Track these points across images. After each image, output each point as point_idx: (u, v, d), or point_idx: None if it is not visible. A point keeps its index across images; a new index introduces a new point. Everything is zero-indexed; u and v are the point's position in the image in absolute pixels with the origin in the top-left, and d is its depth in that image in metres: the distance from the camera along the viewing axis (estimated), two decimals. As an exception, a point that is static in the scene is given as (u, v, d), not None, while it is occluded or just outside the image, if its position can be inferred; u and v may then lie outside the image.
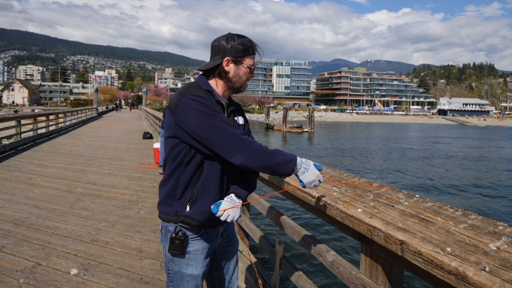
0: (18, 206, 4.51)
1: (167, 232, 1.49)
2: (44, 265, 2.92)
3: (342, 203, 1.55)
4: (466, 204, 11.60)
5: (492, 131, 57.83)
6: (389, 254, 1.33)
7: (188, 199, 1.44)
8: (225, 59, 1.44)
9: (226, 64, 1.45)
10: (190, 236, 1.47)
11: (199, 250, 1.49)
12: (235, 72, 1.47)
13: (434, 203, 1.38)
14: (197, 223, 1.44)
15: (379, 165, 19.54)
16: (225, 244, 1.62)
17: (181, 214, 1.44)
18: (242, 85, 1.50)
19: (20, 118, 11.29)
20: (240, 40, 1.44)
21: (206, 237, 1.51)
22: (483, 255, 0.93)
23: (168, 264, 1.51)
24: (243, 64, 1.46)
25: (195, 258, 1.48)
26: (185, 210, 1.44)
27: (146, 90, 54.46)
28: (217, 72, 1.47)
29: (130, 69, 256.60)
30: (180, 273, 1.48)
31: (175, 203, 1.46)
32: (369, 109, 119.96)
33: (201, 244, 1.50)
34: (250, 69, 1.48)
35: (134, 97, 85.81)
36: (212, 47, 1.49)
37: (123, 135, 14.37)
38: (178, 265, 1.48)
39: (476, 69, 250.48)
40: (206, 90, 1.44)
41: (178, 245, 1.44)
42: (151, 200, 5.07)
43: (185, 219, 1.44)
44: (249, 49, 1.46)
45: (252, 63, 1.48)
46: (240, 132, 1.35)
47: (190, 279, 1.49)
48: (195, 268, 1.49)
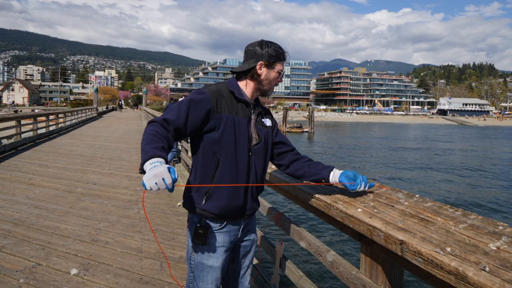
0: (18, 206, 4.51)
1: (192, 223, 1.56)
2: (44, 265, 2.92)
3: (342, 203, 1.55)
4: (466, 204, 11.60)
5: (492, 131, 57.83)
6: (389, 254, 1.33)
7: (205, 193, 1.51)
8: (259, 63, 1.54)
9: (259, 68, 1.55)
10: (213, 228, 1.54)
11: (220, 242, 1.55)
12: (266, 76, 1.56)
13: (434, 203, 1.38)
14: (213, 216, 1.51)
15: (379, 165, 19.54)
16: (245, 239, 1.68)
17: (197, 206, 1.52)
18: (270, 88, 1.60)
19: (20, 118, 11.29)
20: (273, 46, 1.55)
21: (228, 230, 1.57)
22: (483, 255, 0.93)
23: (191, 254, 1.57)
24: (274, 69, 1.56)
25: (216, 250, 1.54)
26: (201, 203, 1.51)
27: (146, 90, 54.46)
28: (249, 75, 1.57)
29: (130, 69, 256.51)
30: (201, 264, 1.54)
31: (193, 195, 1.54)
32: (369, 109, 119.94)
33: (223, 237, 1.56)
34: (279, 74, 1.58)
35: (134, 97, 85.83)
36: (246, 51, 1.59)
37: (123, 135, 14.37)
38: (200, 256, 1.55)
39: (476, 69, 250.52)
40: (230, 90, 1.54)
41: (201, 235, 1.50)
42: (151, 200, 5.07)
43: (201, 211, 1.52)
44: (281, 55, 1.56)
45: (282, 68, 1.59)
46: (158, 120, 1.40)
47: (210, 270, 1.54)
48: (216, 260, 1.54)
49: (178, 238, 3.67)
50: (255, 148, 1.56)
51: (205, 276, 1.55)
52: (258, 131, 1.59)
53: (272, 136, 1.66)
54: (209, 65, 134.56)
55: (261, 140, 1.58)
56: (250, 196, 1.59)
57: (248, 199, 1.59)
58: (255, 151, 1.57)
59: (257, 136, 1.58)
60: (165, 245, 3.46)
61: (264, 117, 1.64)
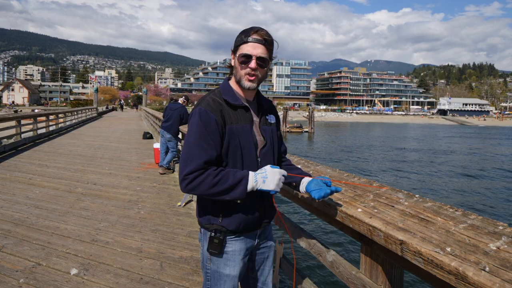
0: (18, 206, 4.51)
1: (206, 232, 1.49)
2: (44, 265, 2.92)
3: (342, 203, 1.55)
4: (466, 204, 11.60)
5: (492, 131, 57.82)
6: (389, 254, 1.33)
7: (220, 210, 1.44)
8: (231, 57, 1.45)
9: (232, 60, 1.44)
10: (228, 237, 1.47)
11: (237, 250, 1.49)
12: (235, 65, 1.42)
13: (434, 203, 1.38)
14: (230, 233, 1.46)
15: (379, 165, 19.54)
16: (262, 245, 1.61)
17: (214, 222, 1.45)
18: (241, 77, 1.41)
19: (20, 118, 11.29)
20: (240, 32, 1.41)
21: (244, 238, 1.50)
22: (483, 255, 0.93)
23: (206, 263, 1.51)
24: (238, 55, 1.40)
25: (233, 258, 1.48)
26: (217, 220, 1.45)
27: (146, 90, 54.47)
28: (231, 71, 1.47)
29: (130, 69, 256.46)
30: (218, 272, 1.48)
31: (208, 211, 1.47)
32: (369, 109, 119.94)
33: (239, 245, 1.49)
34: (244, 58, 1.37)
35: (134, 97, 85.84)
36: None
37: (123, 135, 14.37)
38: (216, 265, 1.48)
39: (476, 69, 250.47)
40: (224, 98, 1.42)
41: (217, 245, 1.44)
42: (151, 200, 5.07)
43: (218, 227, 1.45)
44: (242, 36, 1.39)
45: (245, 50, 1.37)
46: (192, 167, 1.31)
47: (227, 279, 1.48)
48: (233, 268, 1.48)
49: (178, 238, 3.67)
50: (263, 151, 1.49)
51: (222, 285, 1.49)
52: (263, 133, 1.50)
53: (277, 133, 1.60)
54: (209, 65, 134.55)
55: (267, 142, 1.50)
56: (267, 203, 1.54)
57: (266, 208, 1.54)
58: (264, 155, 1.49)
59: (262, 138, 1.49)
60: (165, 245, 3.46)
61: (268, 114, 1.56)
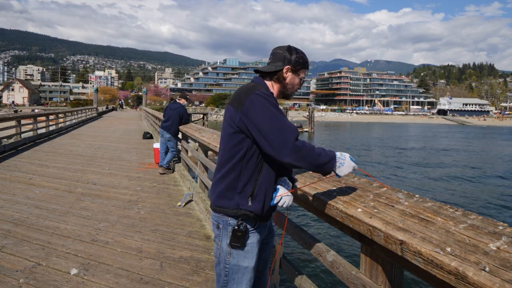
0: (18, 206, 4.51)
1: (227, 226, 1.56)
2: (44, 265, 2.92)
3: (342, 203, 1.55)
4: (466, 204, 11.59)
5: (492, 131, 57.80)
6: (389, 254, 1.33)
7: (250, 194, 1.53)
8: (286, 67, 1.61)
9: (286, 72, 1.62)
10: (249, 229, 1.56)
11: (255, 242, 1.59)
12: (291, 80, 1.64)
13: (434, 203, 1.38)
14: (256, 217, 1.55)
15: (379, 165, 19.53)
16: (267, 236, 1.73)
17: (243, 207, 1.53)
18: (292, 92, 1.67)
19: (20, 118, 11.29)
20: (300, 54, 1.64)
21: (260, 229, 1.61)
22: (483, 255, 0.93)
23: (225, 257, 1.57)
24: (298, 75, 1.65)
25: (251, 250, 1.57)
26: (247, 204, 1.53)
27: (146, 90, 54.46)
28: (275, 77, 1.63)
29: (130, 69, 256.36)
30: (237, 266, 1.56)
31: (236, 196, 1.54)
32: (369, 109, 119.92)
33: (257, 237, 1.60)
34: (301, 81, 1.67)
35: (134, 97, 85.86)
36: (274, 53, 1.65)
37: (123, 135, 14.37)
38: (236, 258, 1.56)
39: (476, 69, 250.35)
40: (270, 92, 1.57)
41: (240, 237, 1.53)
42: (151, 200, 5.07)
43: (246, 212, 1.53)
44: (306, 63, 1.65)
45: (304, 76, 1.67)
46: (295, 135, 1.42)
47: (245, 272, 1.57)
48: (251, 260, 1.58)
49: (178, 238, 3.67)
50: None
51: (241, 278, 1.56)
52: None
53: None
54: (209, 65, 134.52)
55: None
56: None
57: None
58: None
59: None
60: (165, 245, 3.46)
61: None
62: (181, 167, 6.83)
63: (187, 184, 5.64)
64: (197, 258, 3.18)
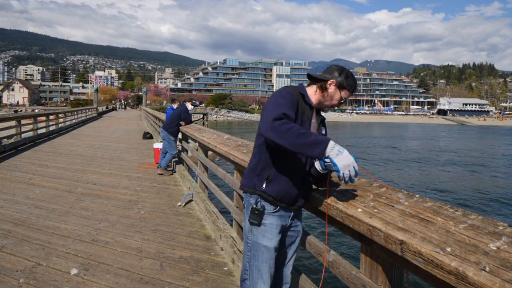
0: (18, 206, 4.51)
1: (248, 205, 1.75)
2: (44, 265, 2.92)
3: (342, 203, 1.55)
4: (466, 204, 11.59)
5: (492, 131, 57.80)
6: (389, 254, 1.33)
7: (266, 177, 1.69)
8: (332, 80, 1.74)
9: (330, 84, 1.75)
10: (267, 210, 1.71)
11: (274, 224, 1.72)
12: (332, 93, 1.75)
13: (434, 203, 1.38)
14: (271, 199, 1.69)
15: (379, 165, 19.53)
16: (293, 227, 1.84)
17: (258, 188, 1.71)
18: (329, 105, 1.78)
19: (20, 118, 11.29)
20: (351, 77, 1.75)
21: (280, 215, 1.74)
22: (483, 255, 0.93)
23: (248, 234, 1.76)
24: (341, 93, 1.75)
25: (270, 230, 1.71)
26: (261, 186, 1.70)
27: (146, 90, 54.52)
28: (319, 85, 1.77)
29: (130, 69, 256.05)
30: (257, 243, 1.72)
31: (254, 178, 1.73)
32: (369, 109, 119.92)
33: (276, 220, 1.73)
34: (341, 99, 1.76)
35: (134, 97, 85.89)
36: (329, 67, 1.82)
37: (123, 135, 14.37)
38: (256, 236, 1.73)
39: (476, 69, 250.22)
40: (300, 93, 1.74)
41: (257, 215, 1.70)
42: (151, 200, 5.07)
43: (261, 193, 1.70)
44: (352, 87, 1.75)
45: (346, 97, 1.76)
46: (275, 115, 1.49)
47: (265, 250, 1.71)
48: (270, 240, 1.71)
49: (178, 238, 3.67)
50: None
51: (260, 256, 1.71)
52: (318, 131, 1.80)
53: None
54: (209, 65, 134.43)
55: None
56: (303, 189, 1.76)
57: (301, 191, 1.76)
58: None
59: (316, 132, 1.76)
60: (165, 245, 3.46)
61: (322, 125, 1.85)
62: (181, 167, 6.83)
63: (187, 184, 5.64)
64: (197, 258, 3.18)
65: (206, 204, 4.34)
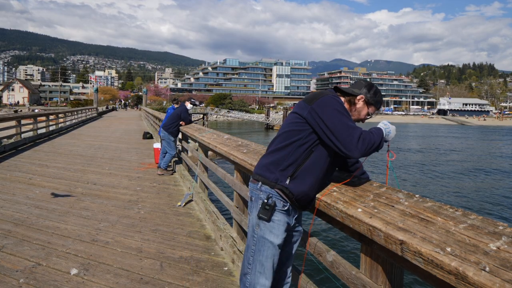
0: (18, 206, 4.51)
1: (258, 199, 1.76)
2: (44, 265, 2.92)
3: (342, 203, 1.55)
4: (466, 204, 11.59)
5: (492, 131, 57.81)
6: (389, 254, 1.33)
7: (291, 174, 1.70)
8: (361, 96, 1.78)
9: (359, 99, 1.78)
10: (278, 207, 1.72)
11: (281, 221, 1.74)
12: (360, 109, 1.80)
13: (434, 203, 1.38)
14: (291, 196, 1.70)
15: (379, 165, 19.53)
16: (294, 228, 1.89)
17: (280, 183, 1.70)
18: (355, 120, 1.79)
19: (20, 118, 11.29)
20: (379, 94, 1.81)
21: (288, 214, 1.76)
22: (483, 255, 0.93)
23: (255, 228, 1.77)
24: (368, 109, 1.81)
25: (277, 227, 1.73)
26: (285, 181, 1.70)
27: (146, 90, 54.53)
28: (348, 98, 1.80)
29: (130, 69, 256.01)
30: (263, 238, 1.74)
31: (277, 172, 1.72)
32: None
33: (284, 218, 1.75)
34: (368, 114, 1.82)
35: (134, 97, 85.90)
36: (358, 81, 1.85)
37: (123, 135, 14.37)
38: (263, 231, 1.74)
39: (476, 69, 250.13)
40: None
41: (268, 210, 1.70)
42: (151, 200, 5.07)
43: (282, 188, 1.70)
44: (378, 103, 1.82)
45: (372, 112, 1.83)
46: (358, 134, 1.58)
47: (270, 246, 1.74)
48: (276, 237, 1.73)
49: (178, 238, 3.67)
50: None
51: (265, 251, 1.73)
52: None
53: None
54: (209, 65, 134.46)
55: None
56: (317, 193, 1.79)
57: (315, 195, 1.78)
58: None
59: None
60: (165, 245, 3.46)
61: None
62: (181, 167, 6.83)
63: (187, 184, 5.64)
64: (197, 258, 3.18)
65: (206, 204, 4.34)
